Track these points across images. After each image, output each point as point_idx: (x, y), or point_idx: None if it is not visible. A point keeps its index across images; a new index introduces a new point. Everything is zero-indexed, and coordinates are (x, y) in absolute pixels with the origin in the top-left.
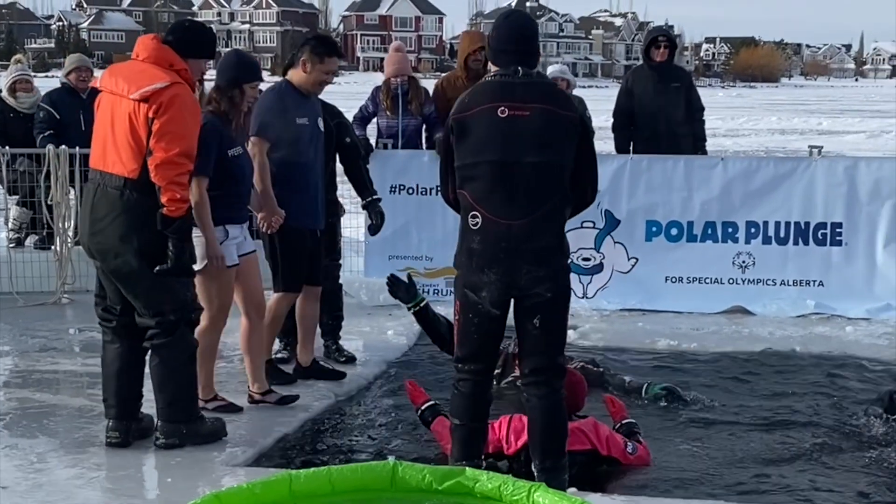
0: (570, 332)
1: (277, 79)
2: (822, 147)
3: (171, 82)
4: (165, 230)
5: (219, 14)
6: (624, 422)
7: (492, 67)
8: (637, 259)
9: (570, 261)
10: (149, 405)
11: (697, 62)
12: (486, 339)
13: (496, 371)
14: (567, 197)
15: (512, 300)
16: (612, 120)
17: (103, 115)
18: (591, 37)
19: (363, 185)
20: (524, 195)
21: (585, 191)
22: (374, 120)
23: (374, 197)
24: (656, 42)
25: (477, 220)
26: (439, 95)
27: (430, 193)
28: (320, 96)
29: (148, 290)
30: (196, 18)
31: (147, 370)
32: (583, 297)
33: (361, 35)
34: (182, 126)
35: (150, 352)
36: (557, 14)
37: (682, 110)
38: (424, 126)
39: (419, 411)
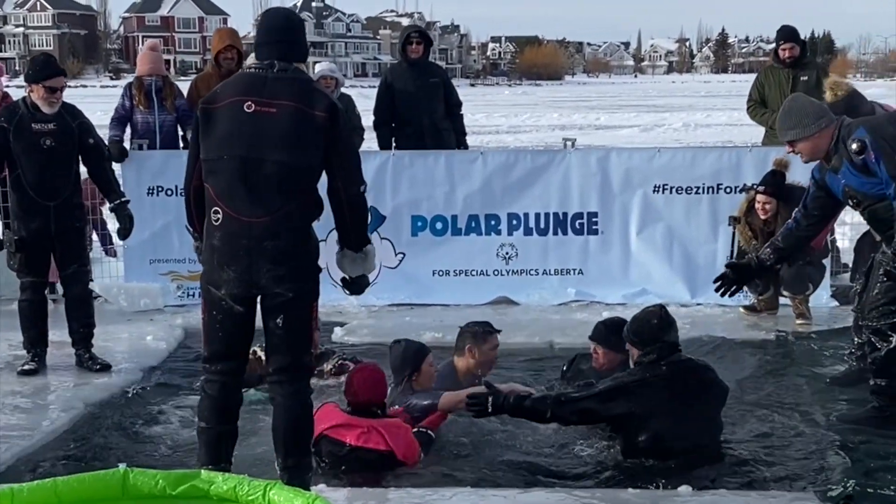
0: (336, 330)
1: None
2: (575, 139)
3: None
4: None
5: None
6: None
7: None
8: (404, 254)
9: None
10: None
11: (485, 61)
12: (233, 337)
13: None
14: (313, 197)
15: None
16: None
17: None
18: (378, 37)
19: (109, 188)
20: (266, 193)
21: (338, 190)
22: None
23: (122, 200)
24: (410, 39)
25: (218, 215)
26: (193, 94)
27: None
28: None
29: None
30: None
31: None
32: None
33: (143, 36)
34: None
35: None
36: (344, 14)
37: (442, 105)
38: (179, 123)
39: None
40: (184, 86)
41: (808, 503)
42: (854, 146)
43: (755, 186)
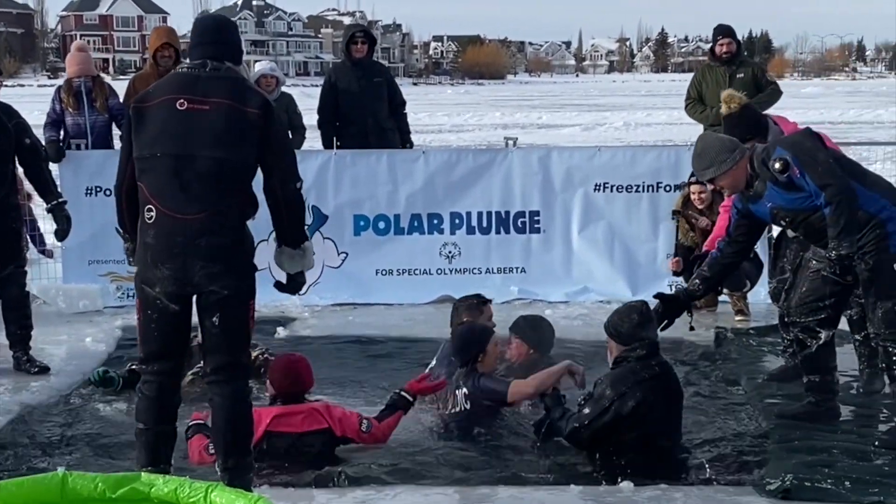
0: (279, 329)
1: None
2: (517, 138)
3: None
4: None
5: None
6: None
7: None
8: (347, 254)
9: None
10: None
11: (427, 60)
12: (168, 336)
13: None
14: (248, 195)
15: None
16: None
17: None
18: (320, 36)
19: (46, 189)
20: (200, 190)
21: (274, 187)
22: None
23: (59, 200)
24: (354, 38)
25: (152, 213)
26: (130, 93)
27: None
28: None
29: None
30: None
31: None
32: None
33: (81, 35)
34: None
35: None
36: (285, 13)
37: (385, 105)
38: (114, 122)
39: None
40: (122, 84)
41: (748, 497)
42: (777, 165)
43: (690, 180)
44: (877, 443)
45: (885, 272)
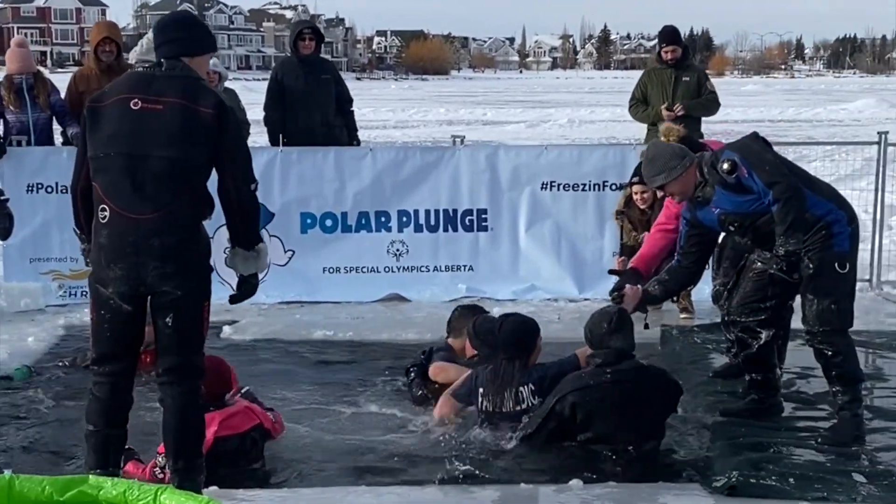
0: (225, 328)
1: None
2: (464, 136)
3: None
4: None
5: None
6: (244, 390)
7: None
8: (294, 251)
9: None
10: None
11: (370, 55)
12: (121, 337)
13: None
14: (202, 195)
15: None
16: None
17: None
18: (262, 29)
19: None
20: (153, 190)
21: (228, 188)
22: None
23: (1, 198)
24: (302, 35)
25: (105, 213)
26: (72, 90)
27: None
28: None
29: None
30: None
31: None
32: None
33: (18, 28)
34: None
35: None
36: (226, 6)
37: (333, 102)
38: (55, 118)
39: None
40: (60, 77)
41: (694, 494)
42: (725, 166)
43: (631, 180)
44: (820, 439)
45: (827, 269)
